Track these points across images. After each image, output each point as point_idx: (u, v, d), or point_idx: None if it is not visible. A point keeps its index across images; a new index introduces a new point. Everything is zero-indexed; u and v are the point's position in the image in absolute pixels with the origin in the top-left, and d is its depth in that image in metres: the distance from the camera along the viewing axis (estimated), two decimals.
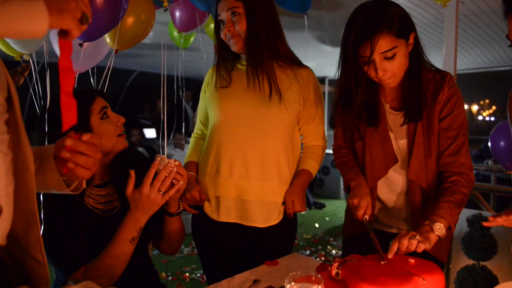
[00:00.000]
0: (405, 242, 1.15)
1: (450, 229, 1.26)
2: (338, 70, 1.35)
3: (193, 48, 3.05)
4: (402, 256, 1.16)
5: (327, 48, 4.69)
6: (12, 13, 0.64)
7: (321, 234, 4.61)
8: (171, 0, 2.15)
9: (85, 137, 0.87)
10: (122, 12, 1.76)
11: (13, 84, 0.81)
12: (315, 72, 1.61)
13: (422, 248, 1.15)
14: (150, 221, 1.26)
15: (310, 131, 1.61)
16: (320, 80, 1.64)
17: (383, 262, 1.14)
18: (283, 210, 1.53)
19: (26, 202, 0.82)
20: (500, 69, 5.69)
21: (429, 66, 1.37)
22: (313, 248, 4.15)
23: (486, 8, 3.14)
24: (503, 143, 2.93)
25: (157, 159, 1.23)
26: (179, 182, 1.24)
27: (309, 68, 1.58)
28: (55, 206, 1.20)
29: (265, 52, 1.48)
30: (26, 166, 0.80)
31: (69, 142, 0.86)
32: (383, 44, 1.21)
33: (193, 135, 1.71)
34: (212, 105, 1.56)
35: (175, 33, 2.67)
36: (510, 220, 1.16)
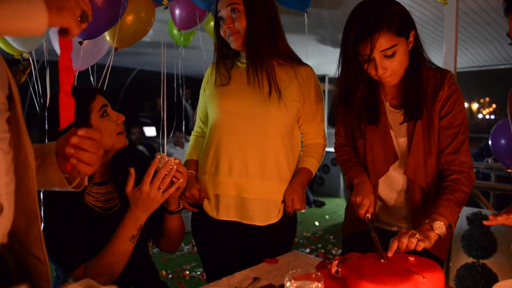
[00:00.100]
0: (405, 241, 1.15)
1: (451, 228, 1.25)
2: (339, 69, 1.35)
3: (193, 46, 3.05)
4: (402, 254, 1.16)
5: (327, 47, 4.69)
6: (11, 11, 0.64)
7: (321, 232, 4.62)
8: None
9: (81, 132, 0.86)
10: (122, 10, 1.76)
11: (14, 82, 0.81)
12: (315, 70, 1.60)
13: (422, 247, 1.15)
14: (150, 219, 1.26)
15: (311, 129, 1.61)
16: (320, 78, 1.64)
17: (383, 261, 1.14)
18: (283, 209, 1.53)
19: (27, 200, 0.82)
20: (500, 67, 5.68)
21: (429, 64, 1.37)
22: (313, 246, 4.15)
23: (487, 6, 3.14)
24: (504, 141, 2.93)
25: (157, 157, 1.23)
26: (179, 180, 1.25)
27: (309, 66, 1.58)
28: (55, 204, 1.20)
29: (265, 50, 1.47)
30: (27, 164, 0.80)
31: (75, 140, 0.86)
32: (383, 42, 1.21)
33: (193, 133, 1.71)
34: (212, 103, 1.56)
35: (175, 31, 2.66)
36: (511, 219, 1.16)
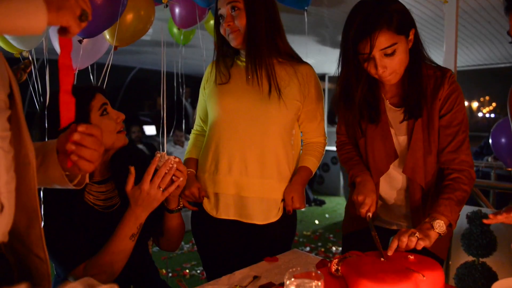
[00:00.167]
0: (405, 240, 1.15)
1: (451, 227, 1.25)
2: (339, 67, 1.35)
3: (193, 45, 3.04)
4: (402, 253, 1.16)
5: (327, 45, 4.68)
6: (11, 10, 0.64)
7: (321, 231, 4.62)
8: None
9: (81, 128, 0.86)
10: (122, 8, 1.75)
11: (15, 81, 0.81)
12: (315, 69, 1.60)
13: (422, 245, 1.15)
14: (150, 218, 1.26)
15: (311, 128, 1.61)
16: (320, 77, 1.64)
17: (383, 259, 1.14)
18: (283, 207, 1.53)
19: (28, 199, 0.82)
20: (501, 66, 5.68)
21: (430, 63, 1.37)
22: (313, 245, 4.15)
23: (487, 5, 3.13)
24: (504, 140, 2.92)
25: (157, 156, 1.23)
26: (179, 179, 1.25)
27: (309, 65, 1.57)
28: (55, 203, 1.20)
29: (265, 48, 1.47)
30: (28, 163, 0.80)
31: (76, 136, 0.85)
32: (383, 41, 1.20)
33: (193, 132, 1.71)
34: (211, 102, 1.55)
35: (175, 30, 2.66)
36: (511, 218, 1.16)
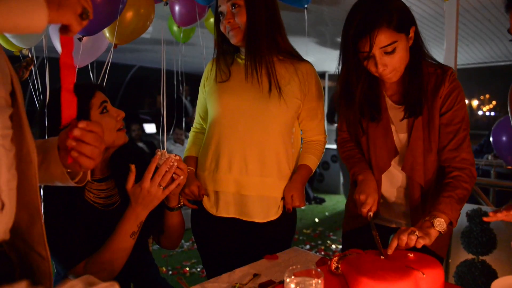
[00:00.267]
0: (404, 238, 1.15)
1: (451, 225, 1.25)
2: (339, 66, 1.35)
3: (193, 43, 3.04)
4: (402, 251, 1.16)
5: (327, 43, 4.67)
6: (11, 8, 0.63)
7: (321, 229, 4.62)
8: None
9: (82, 124, 0.85)
10: (122, 6, 1.75)
11: (17, 79, 0.80)
12: (315, 67, 1.60)
13: (422, 244, 1.15)
14: (150, 216, 1.26)
15: (311, 126, 1.60)
16: (320, 75, 1.63)
17: (383, 257, 1.14)
18: (282, 205, 1.53)
19: (30, 197, 0.81)
20: (501, 64, 5.67)
21: (431, 60, 1.37)
22: (313, 243, 4.16)
23: (487, 3, 3.13)
24: (505, 138, 2.92)
25: (158, 154, 1.23)
26: (180, 177, 1.25)
27: (310, 63, 1.57)
28: (56, 201, 1.20)
29: (265, 45, 1.47)
30: (29, 161, 0.80)
31: (77, 132, 0.84)
32: (383, 39, 1.20)
33: (192, 130, 1.71)
34: (211, 99, 1.55)
35: (175, 28, 2.66)
36: (511, 215, 1.16)
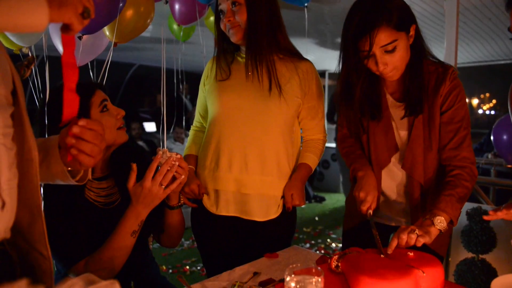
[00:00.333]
0: (404, 237, 1.15)
1: (452, 223, 1.24)
2: (339, 65, 1.35)
3: (193, 42, 3.04)
4: (402, 250, 1.16)
5: (327, 41, 4.67)
6: (12, 7, 0.63)
7: (321, 228, 4.62)
8: None
9: (82, 122, 0.84)
10: (122, 5, 1.75)
11: (18, 77, 0.80)
12: (315, 66, 1.60)
13: (422, 242, 1.15)
14: (151, 214, 1.26)
15: (311, 125, 1.60)
16: (320, 74, 1.63)
17: (383, 256, 1.14)
18: (282, 204, 1.53)
19: (31, 196, 0.81)
20: (501, 63, 5.66)
21: (432, 58, 1.36)
22: (313, 241, 4.16)
23: (487, 1, 3.12)
24: (506, 137, 2.92)
25: (159, 153, 1.23)
26: (181, 176, 1.24)
27: (310, 62, 1.57)
28: (56, 199, 1.20)
29: (265, 43, 1.46)
30: (31, 159, 0.80)
31: (76, 130, 0.84)
32: (383, 38, 1.20)
33: (192, 128, 1.70)
34: (211, 98, 1.55)
35: (175, 26, 2.65)
36: (511, 214, 1.16)
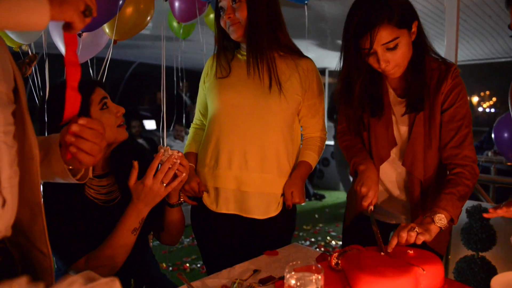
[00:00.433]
0: (404, 235, 1.15)
1: (453, 222, 1.24)
2: (340, 62, 1.34)
3: (193, 39, 3.03)
4: (402, 248, 1.16)
5: (327, 40, 4.66)
6: (13, 5, 0.63)
7: (321, 225, 4.62)
8: None
9: (82, 121, 0.84)
10: (121, 2, 1.75)
11: (20, 75, 0.80)
12: (315, 63, 1.59)
13: (422, 240, 1.15)
14: (151, 212, 1.26)
15: (311, 123, 1.60)
16: (321, 72, 1.63)
17: (383, 253, 1.14)
18: (282, 202, 1.53)
19: (32, 194, 0.81)
20: (501, 61, 5.66)
21: (434, 55, 1.36)
22: (313, 239, 4.16)
23: None
24: (507, 135, 2.92)
25: (161, 151, 1.23)
26: (182, 174, 1.24)
27: (310, 59, 1.57)
28: (56, 197, 1.20)
29: (265, 40, 1.46)
30: (32, 157, 0.80)
31: (75, 128, 0.84)
32: (384, 36, 1.19)
33: (192, 126, 1.70)
34: (211, 95, 1.55)
35: (175, 24, 2.65)
36: (510, 212, 1.16)
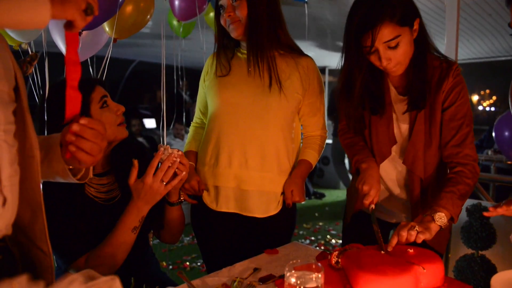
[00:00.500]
0: (404, 234, 1.15)
1: (453, 220, 1.24)
2: (341, 60, 1.34)
3: (193, 38, 3.03)
4: (402, 246, 1.16)
5: (327, 39, 4.66)
6: (14, 4, 0.63)
7: (321, 224, 4.63)
8: None
9: (83, 121, 0.84)
10: (121, 0, 1.74)
11: (21, 74, 0.80)
12: (316, 62, 1.59)
13: (422, 239, 1.15)
14: (151, 211, 1.26)
15: (311, 121, 1.60)
16: (321, 70, 1.62)
17: (383, 252, 1.14)
18: (282, 200, 1.53)
19: (32, 193, 0.81)
20: (501, 59, 5.66)
21: (436, 53, 1.35)
22: (313, 238, 4.17)
23: None
24: (507, 133, 2.92)
25: (161, 149, 1.23)
26: (182, 173, 1.24)
27: (310, 58, 1.56)
28: (56, 196, 1.20)
29: (266, 39, 1.46)
30: (32, 156, 0.80)
31: (76, 127, 0.83)
32: (386, 34, 1.19)
33: (192, 124, 1.70)
34: (211, 94, 1.55)
35: (175, 22, 2.64)
36: (511, 210, 1.16)
